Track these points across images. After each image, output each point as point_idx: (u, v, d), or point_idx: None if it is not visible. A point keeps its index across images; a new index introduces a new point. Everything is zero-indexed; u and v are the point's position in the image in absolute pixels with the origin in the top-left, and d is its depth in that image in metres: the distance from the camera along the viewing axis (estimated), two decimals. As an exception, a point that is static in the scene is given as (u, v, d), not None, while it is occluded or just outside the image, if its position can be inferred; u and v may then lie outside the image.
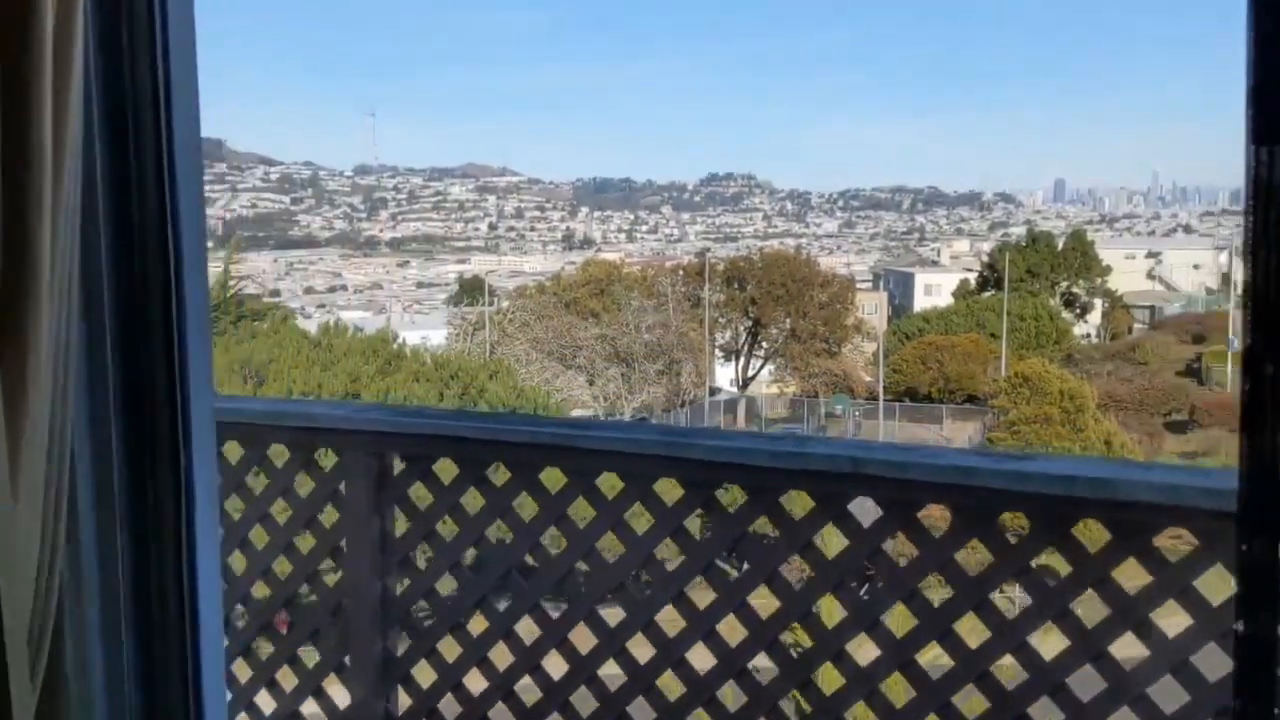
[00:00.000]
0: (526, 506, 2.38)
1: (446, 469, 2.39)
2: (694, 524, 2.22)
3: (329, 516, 2.51)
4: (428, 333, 65.58)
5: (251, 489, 2.58)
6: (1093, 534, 1.98)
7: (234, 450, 2.60)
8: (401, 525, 2.47)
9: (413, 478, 2.44)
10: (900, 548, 2.12)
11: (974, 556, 2.06)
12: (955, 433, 51.85)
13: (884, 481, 2.00)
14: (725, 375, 68.99)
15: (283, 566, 2.55)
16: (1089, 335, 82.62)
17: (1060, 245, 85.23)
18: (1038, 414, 34.82)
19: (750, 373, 66.74)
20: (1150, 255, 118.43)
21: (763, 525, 2.16)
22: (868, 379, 62.98)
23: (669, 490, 2.20)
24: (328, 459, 2.47)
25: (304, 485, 2.49)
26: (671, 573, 2.22)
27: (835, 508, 2.08)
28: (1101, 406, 38.57)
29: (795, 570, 2.19)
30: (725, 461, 2.11)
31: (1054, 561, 1.99)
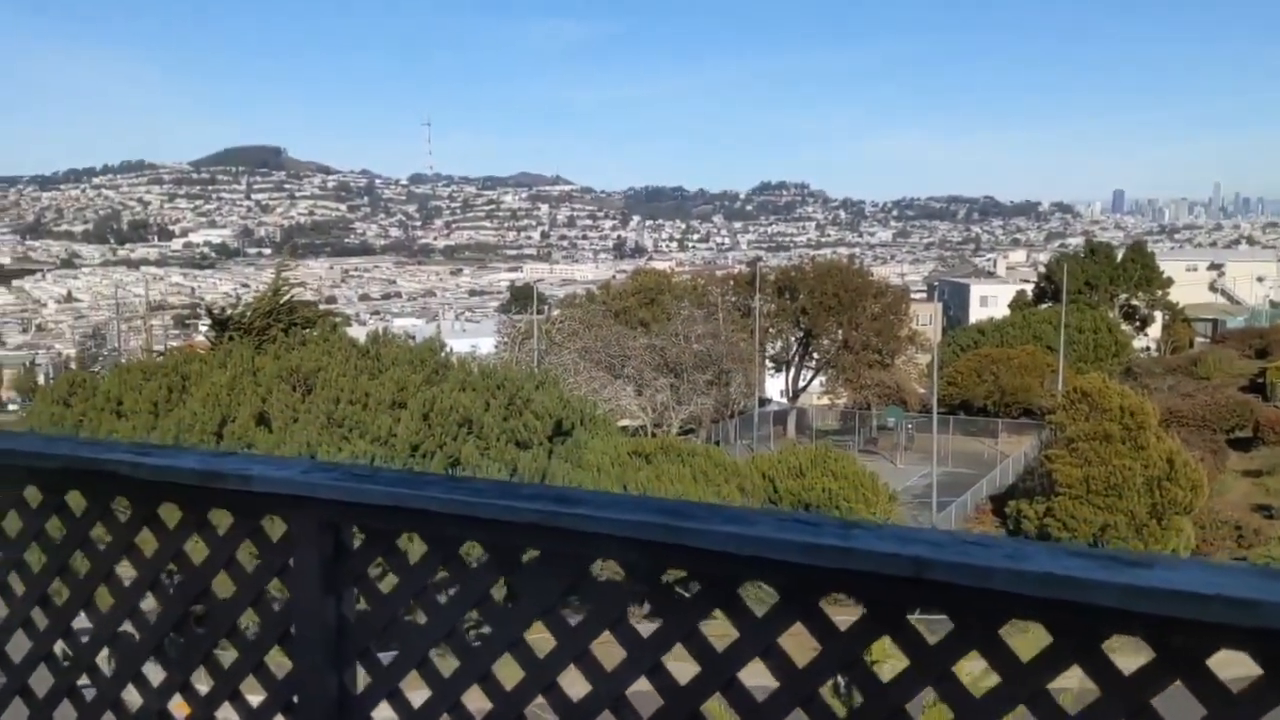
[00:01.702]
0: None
1: (416, 542, 1.97)
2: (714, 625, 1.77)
3: (275, 596, 2.11)
4: (477, 341, 65.94)
5: (191, 557, 2.18)
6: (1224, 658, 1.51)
7: (171, 514, 2.20)
8: (360, 609, 2.05)
9: (373, 553, 2.02)
10: (969, 667, 1.65)
11: (1065, 682, 1.60)
12: (1011, 447, 50.88)
13: (957, 590, 1.52)
14: (775, 386, 68.38)
15: (226, 652, 2.15)
16: (1149, 349, 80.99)
17: (1119, 256, 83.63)
18: (1097, 430, 33.89)
19: (801, 384, 66.01)
20: (1212, 267, 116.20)
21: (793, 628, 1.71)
22: (921, 391, 62.09)
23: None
24: (275, 526, 2.06)
25: (249, 556, 2.09)
26: (684, 687, 1.77)
27: (892, 618, 1.61)
28: (1163, 423, 37.49)
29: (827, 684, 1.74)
30: (748, 555, 1.64)
31: (1180, 700, 1.51)
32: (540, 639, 1.87)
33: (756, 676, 1.74)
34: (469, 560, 1.93)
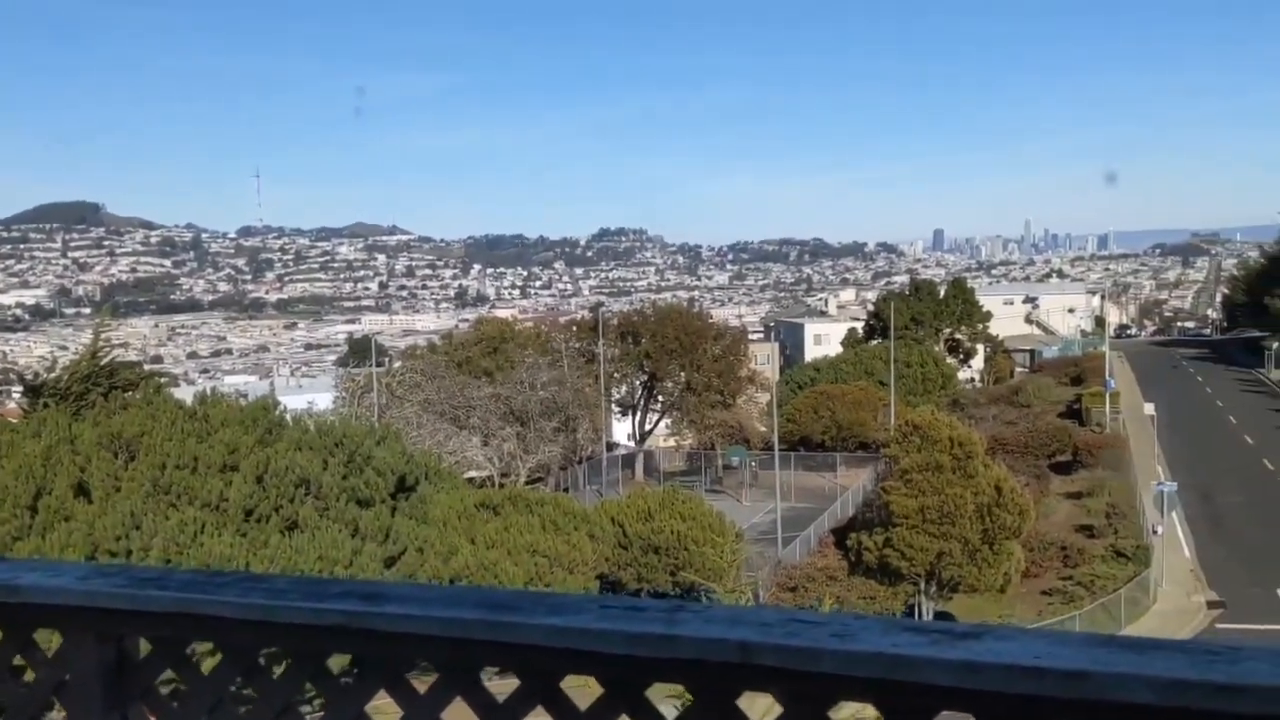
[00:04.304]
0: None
1: (209, 650, 1.79)
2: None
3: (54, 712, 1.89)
4: (315, 396, 63.88)
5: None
6: None
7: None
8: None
9: (161, 665, 1.83)
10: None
11: None
12: (850, 480, 52.26)
13: (786, 675, 1.45)
14: (622, 430, 68.67)
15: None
16: (973, 380, 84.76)
17: (942, 293, 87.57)
18: (928, 461, 35.04)
19: (647, 427, 66.44)
20: (1027, 300, 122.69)
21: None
22: (763, 429, 63.33)
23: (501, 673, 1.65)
24: (50, 639, 1.85)
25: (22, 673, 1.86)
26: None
27: (721, 704, 1.53)
28: (990, 451, 39.12)
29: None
30: (569, 648, 1.53)
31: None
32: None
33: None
34: (271, 668, 1.77)
